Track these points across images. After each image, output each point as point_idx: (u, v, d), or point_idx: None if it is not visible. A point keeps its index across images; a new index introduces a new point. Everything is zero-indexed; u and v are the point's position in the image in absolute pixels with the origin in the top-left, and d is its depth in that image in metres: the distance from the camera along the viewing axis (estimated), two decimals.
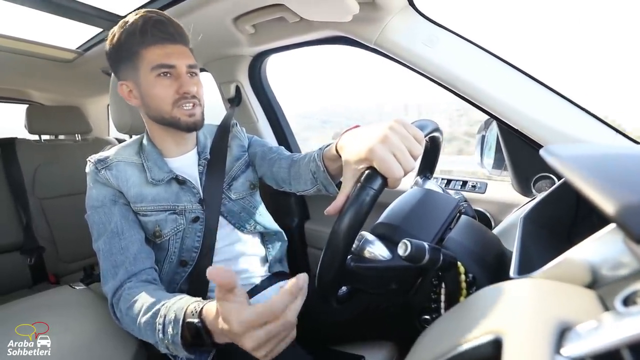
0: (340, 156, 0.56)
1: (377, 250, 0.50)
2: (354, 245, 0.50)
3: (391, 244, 0.51)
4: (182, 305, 0.53)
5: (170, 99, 0.71)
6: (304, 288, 0.42)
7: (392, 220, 0.57)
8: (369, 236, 0.52)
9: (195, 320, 0.49)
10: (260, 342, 0.41)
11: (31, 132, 1.59)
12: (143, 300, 0.59)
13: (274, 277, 0.91)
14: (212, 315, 0.48)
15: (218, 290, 0.43)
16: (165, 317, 0.53)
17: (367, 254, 0.50)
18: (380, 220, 0.58)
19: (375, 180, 0.44)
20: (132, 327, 0.60)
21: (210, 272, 0.40)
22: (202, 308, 0.50)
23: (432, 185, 0.73)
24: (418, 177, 0.76)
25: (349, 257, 0.48)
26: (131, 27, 0.68)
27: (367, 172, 0.45)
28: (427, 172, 0.75)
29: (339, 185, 0.58)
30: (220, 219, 0.82)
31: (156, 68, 0.69)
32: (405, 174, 0.45)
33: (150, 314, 0.56)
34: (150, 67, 0.69)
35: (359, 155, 0.46)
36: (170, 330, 0.51)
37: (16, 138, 1.56)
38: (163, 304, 0.56)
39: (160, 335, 0.53)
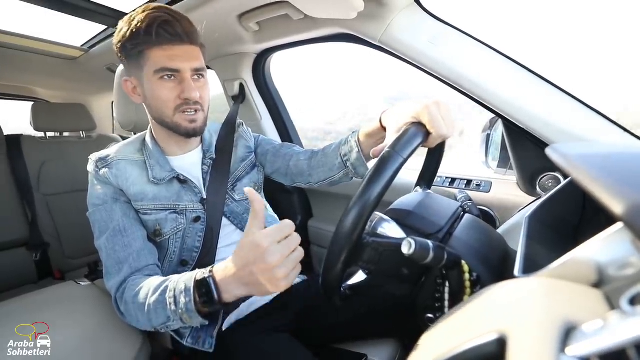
0: (381, 129, 0.66)
1: (391, 229, 0.50)
2: (367, 226, 0.49)
3: (404, 226, 0.51)
4: (190, 276, 0.56)
5: (173, 103, 0.70)
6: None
7: (404, 206, 0.57)
8: (383, 216, 0.52)
9: (206, 275, 0.54)
10: (283, 255, 0.47)
11: (36, 129, 1.59)
12: (149, 285, 0.61)
13: None
14: (222, 267, 0.53)
15: (251, 218, 0.50)
16: (175, 290, 0.56)
17: (380, 232, 0.50)
18: (391, 207, 0.58)
19: (420, 131, 0.51)
20: (139, 315, 0.61)
21: (248, 190, 0.50)
22: (212, 267, 0.55)
23: None
24: (417, 187, 0.74)
25: (365, 232, 0.48)
26: (137, 25, 0.66)
27: (413, 126, 0.52)
28: (425, 187, 0.73)
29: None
30: (223, 219, 0.82)
31: (159, 71, 0.68)
32: (447, 136, 0.54)
33: (159, 292, 0.58)
34: (153, 69, 0.68)
35: (412, 113, 0.54)
36: (182, 299, 0.55)
37: (22, 135, 1.57)
38: (170, 281, 0.59)
39: (173, 307, 0.56)
